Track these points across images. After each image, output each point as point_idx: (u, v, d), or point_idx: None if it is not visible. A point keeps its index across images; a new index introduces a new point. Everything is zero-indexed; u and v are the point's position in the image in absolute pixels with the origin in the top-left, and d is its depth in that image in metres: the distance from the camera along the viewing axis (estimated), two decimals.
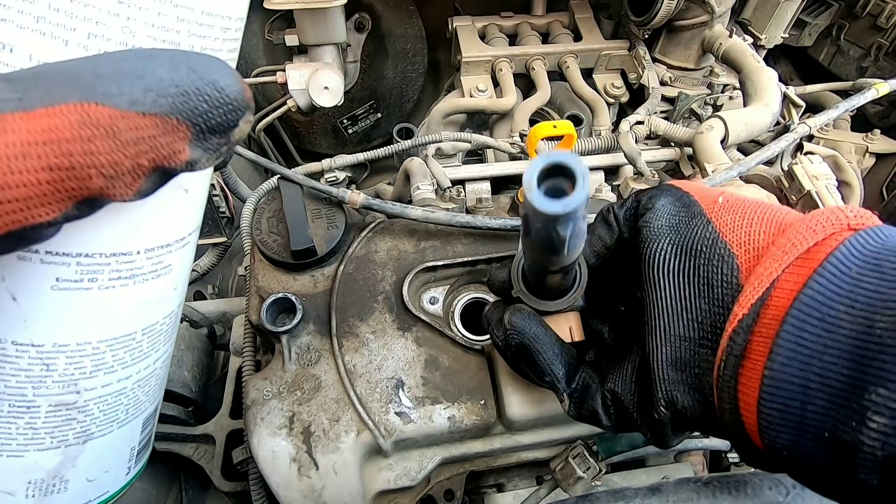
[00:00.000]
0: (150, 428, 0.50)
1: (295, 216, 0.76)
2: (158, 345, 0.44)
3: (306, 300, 0.74)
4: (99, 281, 0.37)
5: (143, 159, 0.28)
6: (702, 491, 0.51)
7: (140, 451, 0.50)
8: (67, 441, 0.41)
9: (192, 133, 0.29)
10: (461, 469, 0.76)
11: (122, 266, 0.37)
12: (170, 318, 0.45)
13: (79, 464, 0.43)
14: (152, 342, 0.43)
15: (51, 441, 0.40)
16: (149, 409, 0.48)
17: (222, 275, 1.38)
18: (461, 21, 1.39)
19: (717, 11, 1.18)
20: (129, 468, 0.49)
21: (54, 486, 0.42)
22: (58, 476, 0.42)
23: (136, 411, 0.45)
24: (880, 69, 1.38)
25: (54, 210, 0.27)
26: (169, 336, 0.46)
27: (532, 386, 0.70)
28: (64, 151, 0.25)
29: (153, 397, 0.48)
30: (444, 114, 1.24)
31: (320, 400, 0.68)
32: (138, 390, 0.44)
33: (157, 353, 0.45)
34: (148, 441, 0.51)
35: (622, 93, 1.31)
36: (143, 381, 0.45)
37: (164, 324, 0.44)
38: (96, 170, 0.27)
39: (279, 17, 1.42)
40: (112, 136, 0.26)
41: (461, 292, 0.81)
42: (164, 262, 0.40)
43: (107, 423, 0.43)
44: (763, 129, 1.04)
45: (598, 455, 0.68)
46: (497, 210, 0.88)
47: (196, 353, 0.94)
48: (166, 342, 0.46)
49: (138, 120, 0.27)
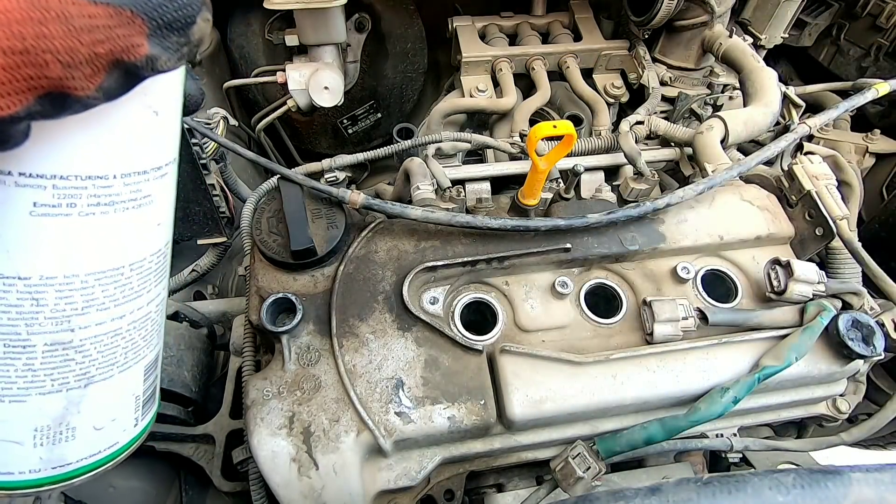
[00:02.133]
0: (152, 379, 0.50)
1: (295, 216, 0.76)
2: (149, 284, 0.44)
3: (306, 300, 0.74)
4: (78, 207, 0.37)
5: (100, 48, 0.28)
6: (702, 491, 0.50)
7: (146, 402, 0.49)
8: (68, 384, 0.41)
9: (149, 27, 0.29)
10: (461, 469, 0.76)
11: (99, 191, 0.37)
12: (157, 258, 0.45)
13: (83, 409, 0.43)
14: (142, 280, 0.43)
15: (52, 384, 0.40)
16: (148, 355, 0.48)
17: (222, 275, 1.38)
18: (461, 21, 1.39)
19: (717, 11, 1.18)
20: (136, 420, 0.48)
21: (61, 433, 0.42)
22: (63, 423, 0.42)
23: (135, 356, 0.45)
24: (880, 69, 1.38)
25: (16, 102, 0.27)
26: (159, 277, 0.45)
27: (532, 386, 0.70)
28: (16, 33, 0.26)
29: (151, 344, 0.48)
30: (444, 114, 1.24)
31: (320, 400, 0.68)
32: (134, 332, 0.44)
33: (150, 293, 0.45)
34: (153, 393, 0.51)
35: (622, 93, 1.31)
36: (139, 323, 0.45)
37: (151, 262, 0.44)
38: (52, 55, 0.27)
39: (279, 17, 1.42)
40: (64, 20, 0.27)
41: (461, 292, 0.81)
42: (143, 192, 0.40)
43: (106, 366, 0.43)
44: (763, 129, 1.04)
45: (598, 455, 0.68)
46: (497, 210, 0.88)
47: (196, 353, 0.94)
48: (157, 283, 0.45)
49: (90, 8, 0.27)
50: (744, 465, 0.91)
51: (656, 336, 0.74)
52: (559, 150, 0.75)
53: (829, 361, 0.75)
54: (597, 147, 1.11)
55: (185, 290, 1.20)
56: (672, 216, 0.85)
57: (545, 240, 0.80)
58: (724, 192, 0.89)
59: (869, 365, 0.83)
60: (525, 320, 0.79)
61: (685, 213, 0.86)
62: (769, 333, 0.75)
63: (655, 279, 0.83)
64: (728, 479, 0.52)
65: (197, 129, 0.91)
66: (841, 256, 0.93)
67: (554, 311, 0.80)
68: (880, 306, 0.81)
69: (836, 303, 0.79)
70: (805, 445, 0.87)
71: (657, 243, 0.83)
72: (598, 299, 0.82)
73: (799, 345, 0.71)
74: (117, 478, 0.96)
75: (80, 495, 0.88)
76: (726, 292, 0.84)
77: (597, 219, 0.77)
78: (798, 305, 0.77)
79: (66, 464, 0.44)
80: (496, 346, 0.74)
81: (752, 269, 0.85)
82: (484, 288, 0.82)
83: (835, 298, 0.80)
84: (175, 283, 1.16)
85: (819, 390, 0.81)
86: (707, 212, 0.86)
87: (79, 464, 0.44)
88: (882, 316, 0.78)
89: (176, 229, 1.09)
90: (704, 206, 0.87)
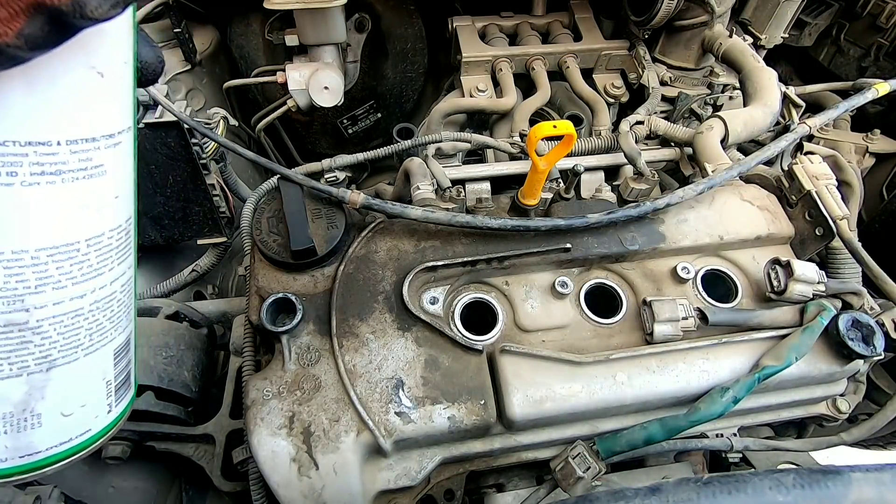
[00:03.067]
0: (125, 363, 0.48)
1: (295, 216, 0.76)
2: (110, 262, 0.42)
3: (306, 300, 0.74)
4: (20, 175, 0.34)
5: None
6: (702, 491, 0.50)
7: (119, 387, 0.47)
8: (28, 367, 0.39)
9: None
10: (461, 469, 0.76)
11: (43, 158, 0.35)
12: (118, 234, 0.42)
13: (48, 395, 0.41)
14: (102, 258, 0.41)
15: (10, 368, 0.38)
16: (117, 338, 0.45)
17: (222, 275, 1.39)
18: (461, 21, 1.39)
19: (717, 11, 1.18)
20: (109, 406, 0.46)
21: (26, 420, 0.40)
22: (28, 409, 0.40)
23: (101, 338, 0.43)
24: (880, 69, 1.38)
25: None
26: (122, 255, 0.43)
27: (532, 386, 0.70)
28: None
29: (120, 326, 0.45)
30: (444, 114, 1.24)
31: (320, 400, 0.68)
32: (98, 313, 0.42)
33: (112, 272, 0.42)
34: (126, 379, 0.49)
35: (622, 93, 1.31)
36: (103, 304, 0.42)
37: (111, 238, 0.42)
38: None
39: (279, 17, 1.42)
40: None
41: (461, 292, 0.81)
42: (94, 161, 0.38)
43: (69, 349, 0.41)
44: (763, 129, 1.04)
45: (598, 455, 0.68)
46: (497, 210, 0.88)
47: (196, 353, 0.94)
48: (120, 261, 0.43)
49: None
50: (744, 465, 0.91)
51: (656, 336, 0.74)
52: (559, 150, 0.75)
53: (829, 361, 0.75)
54: (597, 147, 1.11)
55: (185, 290, 1.20)
56: (672, 216, 0.85)
57: (545, 240, 0.80)
58: (724, 192, 0.89)
59: (869, 365, 0.83)
60: (525, 320, 0.79)
61: (685, 213, 0.86)
62: (769, 333, 0.75)
63: (655, 279, 0.83)
64: (728, 479, 0.51)
65: (197, 129, 0.91)
66: (841, 256, 0.93)
67: (554, 311, 0.80)
68: (880, 306, 0.81)
69: (836, 303, 0.79)
70: (805, 445, 0.87)
71: (657, 243, 0.83)
72: (598, 299, 0.82)
73: (799, 345, 0.71)
74: (117, 478, 0.96)
75: (80, 495, 0.88)
76: (726, 292, 0.84)
77: (597, 219, 0.77)
78: (798, 305, 0.77)
79: (34, 452, 0.42)
80: (496, 346, 0.74)
81: (752, 269, 0.85)
82: (484, 288, 0.82)
83: (835, 298, 0.80)
84: (175, 283, 1.16)
85: (819, 390, 0.81)
86: (707, 212, 0.86)
87: (48, 452, 0.43)
88: (882, 316, 0.78)
89: (176, 229, 1.10)
90: (704, 206, 0.87)
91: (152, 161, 0.98)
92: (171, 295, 1.15)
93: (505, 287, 0.82)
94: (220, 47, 1.52)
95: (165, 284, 1.15)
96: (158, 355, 0.88)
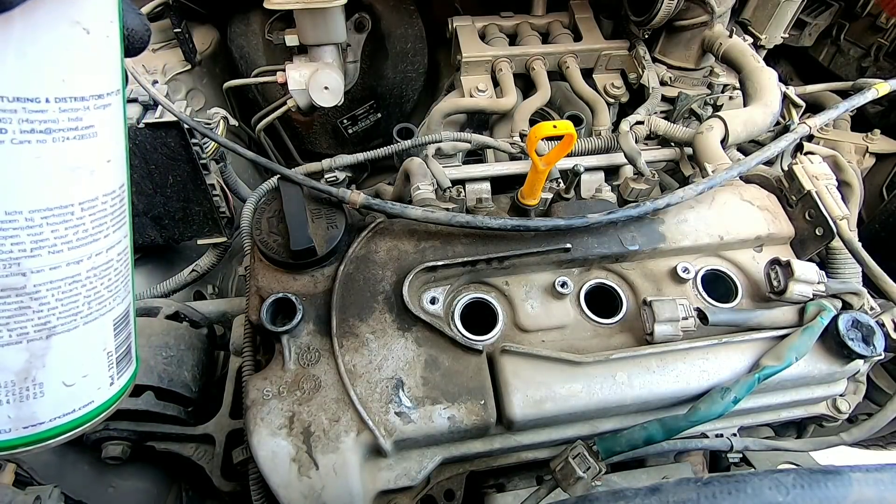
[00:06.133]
0: (125, 335, 0.47)
1: (295, 216, 0.76)
2: (106, 228, 0.42)
3: (306, 300, 0.74)
4: (9, 133, 0.34)
5: None
6: (702, 491, 0.50)
7: (120, 359, 0.47)
8: (28, 334, 0.39)
9: None
10: (461, 469, 0.76)
11: (32, 115, 0.34)
12: (113, 199, 0.42)
13: (49, 363, 0.40)
14: (97, 223, 0.41)
15: (9, 334, 0.38)
16: (116, 308, 0.45)
17: (222, 275, 1.39)
18: (461, 21, 1.39)
19: (717, 11, 1.18)
20: (111, 378, 0.46)
21: (28, 389, 0.40)
22: (29, 378, 0.40)
23: (100, 307, 0.43)
24: (880, 69, 1.39)
25: None
26: (117, 222, 0.43)
27: (532, 386, 0.70)
28: None
29: (119, 296, 0.45)
30: (444, 114, 1.24)
31: (320, 400, 0.68)
32: (96, 281, 0.42)
33: (108, 238, 0.42)
34: (127, 352, 0.48)
35: (622, 93, 1.31)
36: (100, 271, 0.42)
37: (106, 202, 0.41)
38: None
39: (279, 17, 1.42)
40: None
41: (461, 292, 0.81)
42: (85, 121, 0.37)
43: (68, 316, 0.40)
44: (763, 129, 1.04)
45: (598, 455, 0.68)
46: (497, 210, 0.88)
47: (196, 353, 0.94)
48: (115, 228, 0.43)
49: None
50: (744, 465, 0.91)
51: (656, 336, 0.74)
52: (559, 150, 0.75)
53: (829, 361, 0.75)
54: (597, 147, 1.11)
55: (185, 290, 1.20)
56: (672, 216, 0.85)
57: (545, 240, 0.80)
58: (724, 192, 0.89)
59: (869, 365, 0.83)
60: (525, 320, 0.79)
61: (685, 213, 0.86)
62: (769, 333, 0.75)
63: (655, 279, 0.83)
64: (728, 479, 0.51)
65: (197, 129, 0.91)
66: (841, 256, 0.93)
67: (554, 311, 0.80)
68: (880, 306, 0.81)
69: (836, 303, 0.79)
70: (805, 445, 0.87)
71: (657, 243, 0.83)
72: (598, 299, 0.82)
73: (799, 345, 0.71)
74: (117, 478, 0.96)
75: (80, 495, 0.88)
76: (726, 292, 0.84)
77: (597, 219, 0.77)
78: (798, 305, 0.77)
79: (37, 423, 0.41)
80: (496, 346, 0.74)
81: (752, 269, 0.85)
82: (484, 288, 0.82)
83: (835, 298, 0.80)
84: (175, 283, 1.16)
85: (819, 390, 0.81)
86: (707, 212, 0.86)
87: (52, 423, 0.42)
88: (882, 316, 0.77)
89: (176, 229, 1.10)
90: (704, 206, 0.87)
91: (152, 161, 0.98)
92: (171, 295, 1.15)
93: (505, 287, 0.82)
94: (220, 47, 1.52)
95: (165, 284, 1.15)
96: (158, 355, 0.88)
